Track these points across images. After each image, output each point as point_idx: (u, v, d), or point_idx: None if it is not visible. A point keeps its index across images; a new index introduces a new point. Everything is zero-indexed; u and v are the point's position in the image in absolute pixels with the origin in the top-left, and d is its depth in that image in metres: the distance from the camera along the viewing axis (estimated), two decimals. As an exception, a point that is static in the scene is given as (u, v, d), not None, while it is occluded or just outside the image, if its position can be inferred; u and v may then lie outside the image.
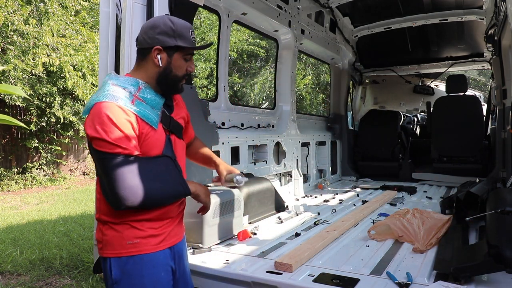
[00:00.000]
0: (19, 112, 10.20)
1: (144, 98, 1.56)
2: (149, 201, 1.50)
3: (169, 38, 1.57)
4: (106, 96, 1.47)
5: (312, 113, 14.90)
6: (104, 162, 1.45)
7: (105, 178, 1.47)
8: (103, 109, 1.44)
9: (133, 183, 1.44)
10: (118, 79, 1.58)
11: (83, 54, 9.54)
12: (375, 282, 2.00)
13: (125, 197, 1.43)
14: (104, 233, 1.57)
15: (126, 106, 1.48)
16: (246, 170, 3.95)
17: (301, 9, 4.89)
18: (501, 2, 3.79)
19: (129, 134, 1.46)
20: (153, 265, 1.57)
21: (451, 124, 5.51)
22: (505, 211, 2.19)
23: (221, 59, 3.97)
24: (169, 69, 1.61)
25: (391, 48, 6.62)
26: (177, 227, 1.72)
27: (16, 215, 6.80)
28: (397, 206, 3.96)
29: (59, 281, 3.84)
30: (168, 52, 1.59)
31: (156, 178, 1.52)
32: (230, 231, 2.86)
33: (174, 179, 1.60)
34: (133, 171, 1.45)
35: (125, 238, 1.53)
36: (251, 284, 2.11)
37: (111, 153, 1.43)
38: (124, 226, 1.54)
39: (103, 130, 1.43)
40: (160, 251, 1.60)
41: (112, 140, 1.43)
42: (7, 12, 8.28)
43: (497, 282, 1.96)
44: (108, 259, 1.56)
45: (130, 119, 1.47)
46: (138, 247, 1.54)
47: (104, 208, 1.57)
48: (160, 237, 1.60)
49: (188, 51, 1.64)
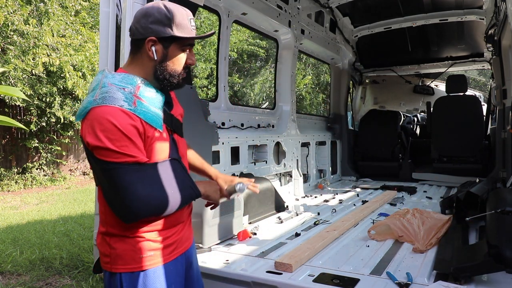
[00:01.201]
0: (19, 112, 10.20)
1: (145, 97, 1.39)
2: (162, 210, 1.39)
3: (164, 27, 1.40)
4: (104, 99, 1.32)
5: (312, 113, 14.91)
6: (110, 173, 1.31)
7: (112, 190, 1.34)
8: (104, 114, 1.29)
9: (145, 193, 1.33)
10: (115, 77, 1.40)
11: (83, 54, 9.55)
12: (375, 282, 2.00)
13: (137, 209, 1.33)
14: (112, 246, 1.42)
15: (129, 109, 1.33)
16: (246, 170, 3.95)
17: (301, 9, 4.89)
18: (501, 2, 3.79)
19: (135, 141, 1.33)
20: (167, 277, 1.47)
21: (451, 124, 5.51)
22: (505, 211, 2.19)
23: (221, 59, 3.97)
24: (166, 62, 1.44)
25: (391, 48, 6.62)
26: (188, 230, 1.64)
27: (16, 215, 6.80)
28: (397, 206, 3.96)
29: (59, 281, 3.83)
30: (164, 43, 1.42)
31: (166, 185, 1.40)
32: (230, 231, 2.86)
33: (183, 182, 1.47)
34: (143, 180, 1.33)
35: (137, 251, 1.41)
36: (251, 284, 2.11)
37: (118, 162, 1.30)
38: (136, 239, 1.42)
39: (107, 138, 1.28)
40: (173, 260, 1.51)
41: (118, 149, 1.29)
42: (7, 12, 8.28)
43: (497, 282, 1.96)
44: (117, 274, 1.42)
45: (135, 123, 1.33)
46: (152, 260, 1.43)
47: (111, 220, 1.43)
48: (173, 245, 1.51)
49: (187, 41, 1.45)
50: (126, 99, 1.35)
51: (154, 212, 1.39)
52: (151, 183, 1.36)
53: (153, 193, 1.36)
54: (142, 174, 1.34)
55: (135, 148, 1.33)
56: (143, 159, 1.35)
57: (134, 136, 1.33)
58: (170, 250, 1.50)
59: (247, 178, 1.81)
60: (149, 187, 1.35)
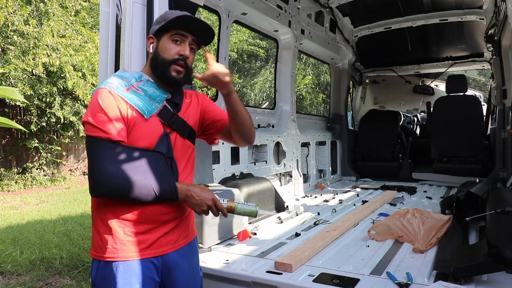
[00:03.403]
0: (19, 112, 10.20)
1: (144, 89, 1.53)
2: (126, 192, 1.40)
3: (158, 24, 1.57)
4: (104, 83, 1.49)
5: (312, 113, 14.91)
6: (87, 146, 1.44)
7: (88, 163, 1.45)
8: (96, 94, 1.46)
9: (110, 169, 1.39)
10: (122, 71, 1.61)
11: (83, 54, 9.54)
12: (375, 282, 2.00)
13: (100, 182, 1.39)
14: (92, 233, 1.54)
15: (117, 92, 1.46)
16: (246, 170, 3.95)
17: (301, 9, 4.89)
18: (501, 2, 3.79)
19: (113, 119, 1.42)
20: (129, 275, 1.45)
21: (451, 124, 5.51)
22: (505, 211, 2.18)
23: (221, 59, 3.97)
24: (157, 52, 1.57)
25: (391, 48, 6.63)
26: (171, 235, 1.56)
27: (16, 215, 6.80)
28: (397, 206, 3.96)
29: (59, 281, 3.84)
30: (157, 37, 1.58)
31: (138, 170, 1.42)
32: (230, 231, 2.86)
33: (162, 177, 1.47)
34: (112, 156, 1.40)
35: (104, 242, 1.47)
36: (251, 284, 2.11)
37: (94, 136, 1.42)
38: (106, 228, 1.47)
39: (91, 114, 1.43)
40: (139, 260, 1.47)
41: (95, 123, 1.41)
42: (7, 12, 8.28)
43: (497, 282, 1.96)
44: (92, 259, 1.53)
45: (119, 104, 1.45)
46: (116, 253, 1.45)
47: (93, 201, 1.53)
48: (142, 244, 1.48)
49: (174, 30, 1.55)
50: (120, 85, 1.49)
51: (116, 190, 1.41)
52: (120, 162, 1.41)
53: (120, 172, 1.40)
54: (114, 151, 1.41)
55: (112, 126, 1.42)
56: (116, 138, 1.42)
57: (115, 116, 1.43)
58: (140, 248, 1.48)
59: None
60: (116, 165, 1.40)
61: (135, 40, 2.25)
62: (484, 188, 3.29)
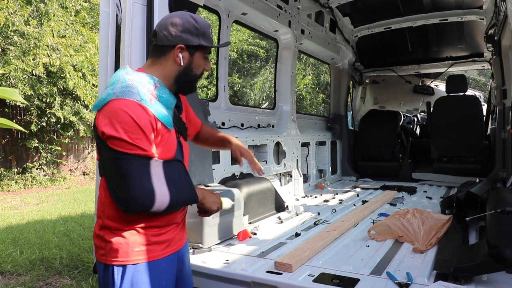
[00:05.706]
0: (19, 112, 10.20)
1: (159, 97, 1.48)
2: (163, 206, 1.44)
3: (193, 36, 1.52)
4: (124, 93, 1.40)
5: (312, 113, 14.91)
6: (121, 163, 1.38)
7: (119, 179, 1.39)
8: (122, 107, 1.37)
9: (150, 187, 1.39)
10: (134, 74, 1.50)
11: (84, 55, 9.56)
12: (375, 282, 2.00)
13: (141, 200, 1.39)
14: (107, 239, 1.48)
15: (146, 105, 1.41)
16: (246, 170, 3.95)
17: (301, 9, 4.89)
18: (501, 2, 3.80)
19: (149, 135, 1.40)
20: (159, 273, 1.52)
21: (451, 124, 5.51)
22: (505, 211, 2.19)
23: (221, 59, 3.97)
24: (190, 68, 1.55)
25: (391, 48, 6.63)
26: (181, 232, 1.67)
27: (16, 215, 6.80)
28: (397, 206, 3.96)
29: (59, 281, 3.83)
30: (190, 50, 1.53)
31: (170, 183, 1.45)
32: (230, 231, 2.86)
33: (185, 184, 1.54)
34: (150, 174, 1.39)
35: (131, 245, 1.46)
36: (251, 284, 2.11)
37: (130, 154, 1.37)
38: (131, 232, 1.47)
39: (124, 130, 1.35)
40: (165, 257, 1.55)
41: (132, 141, 1.36)
42: (8, 12, 8.28)
43: (497, 282, 1.97)
44: (111, 266, 1.48)
45: (150, 119, 1.41)
46: (145, 254, 1.48)
47: (110, 212, 1.48)
48: (165, 243, 1.55)
49: (209, 50, 1.60)
50: (144, 95, 1.43)
51: (155, 206, 1.42)
52: (157, 179, 1.42)
53: (158, 188, 1.41)
54: (151, 168, 1.41)
55: (147, 143, 1.40)
56: (153, 155, 1.42)
57: (148, 130, 1.40)
58: (163, 247, 1.55)
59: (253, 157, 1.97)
60: (154, 182, 1.41)
61: (135, 40, 2.26)
62: (484, 188, 3.29)
